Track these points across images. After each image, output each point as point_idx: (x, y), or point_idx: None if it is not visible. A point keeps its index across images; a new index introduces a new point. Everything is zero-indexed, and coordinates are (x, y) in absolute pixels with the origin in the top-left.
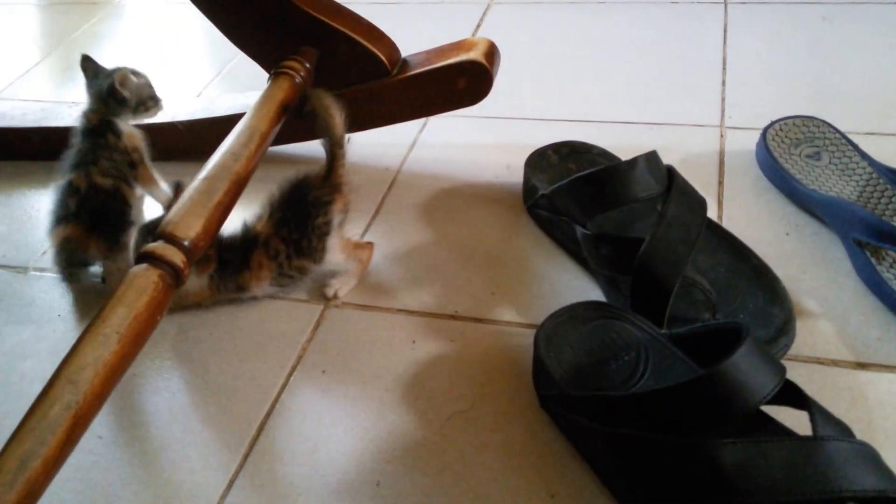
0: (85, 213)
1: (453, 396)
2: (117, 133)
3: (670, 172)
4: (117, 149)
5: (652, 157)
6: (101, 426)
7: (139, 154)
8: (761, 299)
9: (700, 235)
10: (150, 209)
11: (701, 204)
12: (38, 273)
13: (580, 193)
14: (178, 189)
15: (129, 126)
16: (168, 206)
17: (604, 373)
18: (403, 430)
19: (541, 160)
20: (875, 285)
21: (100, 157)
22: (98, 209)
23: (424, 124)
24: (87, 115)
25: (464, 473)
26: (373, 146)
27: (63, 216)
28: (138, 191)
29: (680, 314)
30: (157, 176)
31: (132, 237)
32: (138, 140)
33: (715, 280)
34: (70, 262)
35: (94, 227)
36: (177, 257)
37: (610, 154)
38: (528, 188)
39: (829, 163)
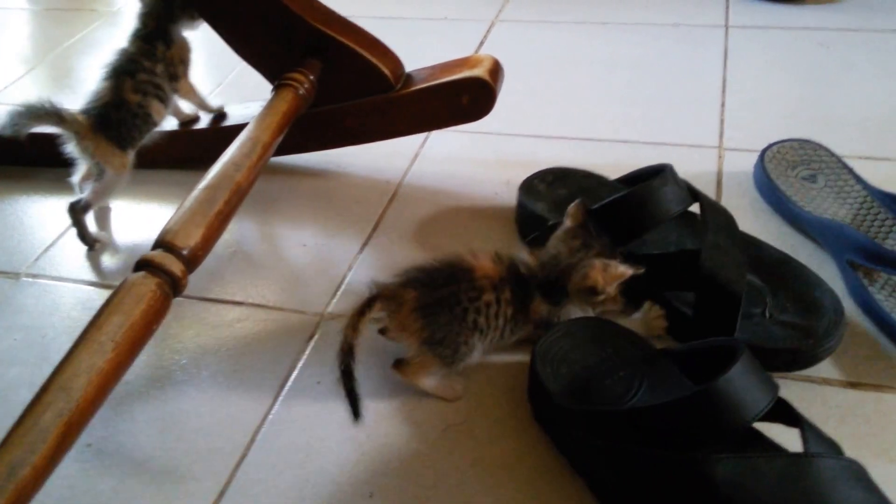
0: (99, 116)
1: (448, 409)
2: (169, 42)
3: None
4: (164, 59)
5: (672, 171)
6: (90, 434)
7: (184, 67)
8: (800, 286)
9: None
10: None
11: (724, 209)
12: (29, 279)
13: (617, 218)
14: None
15: (182, 36)
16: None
17: (599, 388)
18: (398, 443)
19: (531, 190)
20: (866, 306)
21: (140, 69)
22: (116, 119)
23: (426, 139)
24: (144, 19)
25: (458, 486)
26: (374, 159)
27: (83, 109)
28: (169, 107)
29: None
30: (196, 88)
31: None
32: (187, 52)
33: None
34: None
35: (102, 127)
36: (175, 266)
37: (595, 174)
38: (525, 216)
39: (825, 185)
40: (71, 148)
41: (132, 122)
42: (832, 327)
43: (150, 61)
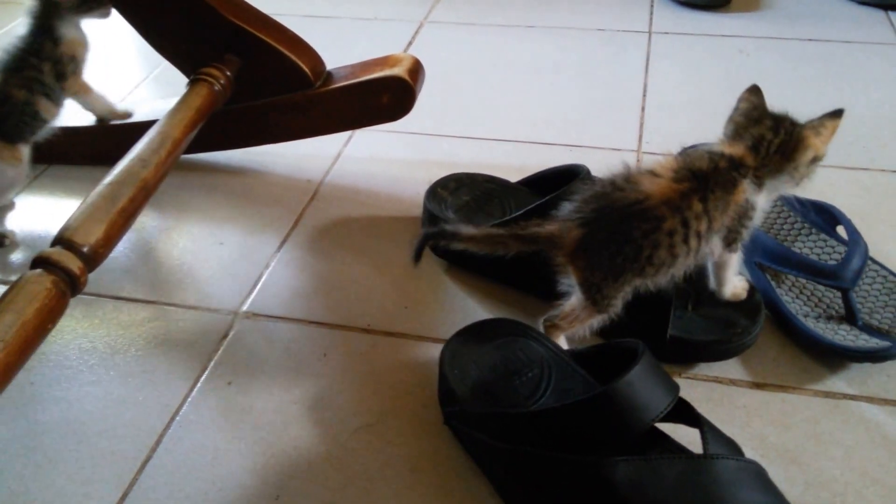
0: None
1: (361, 410)
2: (56, 39)
3: None
4: (52, 57)
5: (588, 173)
6: None
7: (76, 64)
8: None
9: None
10: None
11: None
12: None
13: None
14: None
15: (75, 32)
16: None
17: (507, 389)
18: (308, 444)
19: (436, 198)
20: (773, 307)
21: (26, 66)
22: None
23: (350, 138)
24: (31, 16)
25: (366, 488)
26: (296, 158)
27: None
28: (61, 105)
29: None
30: (89, 85)
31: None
32: (80, 48)
33: None
34: None
35: None
36: (73, 264)
37: (497, 178)
38: (433, 223)
39: None
40: None
41: (19, 117)
42: (754, 314)
43: (37, 59)
